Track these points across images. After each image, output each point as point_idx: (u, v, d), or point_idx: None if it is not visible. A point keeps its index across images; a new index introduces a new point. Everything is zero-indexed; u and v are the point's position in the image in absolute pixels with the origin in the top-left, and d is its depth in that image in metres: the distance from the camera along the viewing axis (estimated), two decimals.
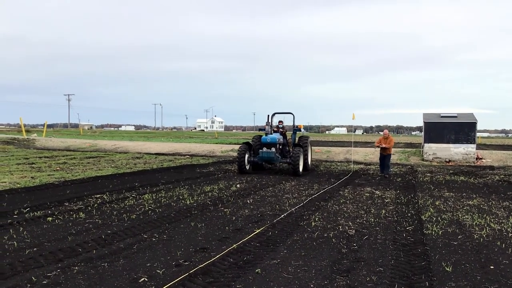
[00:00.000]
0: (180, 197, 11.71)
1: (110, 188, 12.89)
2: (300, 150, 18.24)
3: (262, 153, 18.17)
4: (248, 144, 19.11)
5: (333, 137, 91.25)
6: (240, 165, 18.15)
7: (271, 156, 18.01)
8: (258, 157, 18.38)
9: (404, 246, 7.34)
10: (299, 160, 17.83)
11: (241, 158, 18.17)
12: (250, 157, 18.67)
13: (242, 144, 19.22)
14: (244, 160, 18.20)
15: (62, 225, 8.22)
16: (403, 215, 10.03)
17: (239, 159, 18.23)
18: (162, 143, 38.29)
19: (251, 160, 18.64)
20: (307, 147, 19.37)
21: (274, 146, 18.26)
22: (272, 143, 18.28)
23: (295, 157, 17.63)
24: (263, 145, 18.47)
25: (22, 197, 11.05)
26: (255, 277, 5.66)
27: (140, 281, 5.42)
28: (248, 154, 18.62)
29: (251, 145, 19.15)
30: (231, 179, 16.02)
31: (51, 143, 37.97)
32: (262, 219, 9.25)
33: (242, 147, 18.73)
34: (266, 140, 18.38)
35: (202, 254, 6.61)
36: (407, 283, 5.55)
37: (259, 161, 18.55)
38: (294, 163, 17.55)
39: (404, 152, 30.66)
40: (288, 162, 18.20)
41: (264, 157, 18.17)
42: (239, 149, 18.70)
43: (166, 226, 8.36)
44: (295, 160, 17.57)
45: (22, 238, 7.25)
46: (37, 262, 6.05)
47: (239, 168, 18.17)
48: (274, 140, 18.29)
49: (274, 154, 17.98)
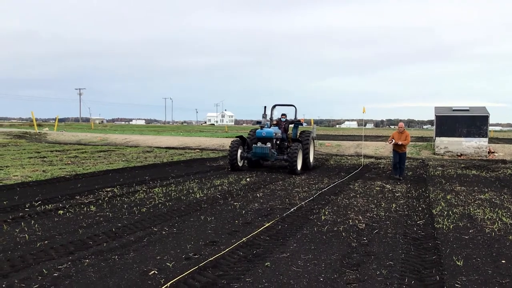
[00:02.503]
0: (190, 190, 11.73)
1: (121, 182, 12.96)
2: (298, 145, 16.53)
3: (256, 148, 16.45)
4: (242, 138, 17.53)
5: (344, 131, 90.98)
6: (231, 161, 16.63)
7: (265, 152, 16.30)
8: (252, 152, 16.70)
9: (415, 240, 7.29)
10: (297, 156, 16.15)
11: (233, 153, 16.60)
12: (244, 153, 17.05)
13: (235, 138, 17.70)
14: (237, 156, 16.61)
15: (73, 218, 8.28)
16: (414, 209, 9.97)
17: (230, 154, 16.67)
18: (172, 137, 38.39)
19: (244, 155, 17.04)
20: (308, 143, 17.43)
21: (270, 141, 16.56)
22: (267, 137, 16.57)
23: (292, 153, 16.08)
24: (258, 139, 16.74)
25: (33, 191, 11.14)
26: (264, 270, 5.66)
27: (150, 274, 5.44)
28: (242, 150, 17.04)
29: (245, 139, 17.50)
30: (241, 173, 16.02)
31: (63, 137, 38.24)
32: (272, 212, 9.24)
33: (234, 141, 17.12)
34: (261, 134, 16.64)
35: (212, 248, 6.62)
36: (417, 277, 5.51)
37: (253, 157, 16.92)
38: (291, 160, 16.02)
39: (416, 146, 30.47)
40: (285, 159, 16.51)
41: (258, 153, 16.49)
42: (231, 144, 17.09)
43: (176, 220, 8.38)
44: (292, 156, 16.02)
45: (33, 231, 7.31)
46: (48, 254, 6.09)
47: (231, 165, 16.66)
48: (270, 134, 16.58)
49: (269, 149, 16.25)
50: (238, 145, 16.86)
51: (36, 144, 29.88)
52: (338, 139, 41.47)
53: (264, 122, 17.31)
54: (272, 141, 16.66)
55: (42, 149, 25.45)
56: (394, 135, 15.24)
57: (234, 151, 16.60)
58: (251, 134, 17.69)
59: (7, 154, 21.38)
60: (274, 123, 18.19)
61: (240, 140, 17.26)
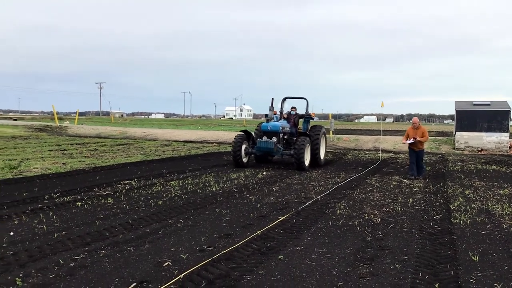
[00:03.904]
0: (206, 184, 11.80)
1: (139, 175, 13.09)
2: (306, 140, 15.44)
3: (260, 143, 15.48)
4: (247, 132, 16.39)
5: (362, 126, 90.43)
6: (235, 157, 15.53)
7: (269, 147, 15.30)
8: (256, 147, 15.76)
9: (431, 235, 7.23)
10: (304, 151, 15.11)
11: (236, 149, 15.52)
12: (248, 148, 16.00)
13: (239, 132, 16.55)
14: (241, 151, 15.54)
15: (91, 210, 8.40)
16: (431, 204, 9.87)
17: (234, 150, 15.58)
18: (190, 131, 38.60)
19: (249, 151, 15.97)
20: (319, 138, 16.39)
21: (276, 135, 15.50)
22: (273, 131, 15.54)
23: (299, 148, 15.06)
24: (264, 133, 15.74)
25: (53, 183, 11.32)
26: (277, 263, 5.68)
27: (164, 265, 5.50)
28: (246, 145, 15.96)
29: (250, 133, 16.45)
30: (258, 167, 16.03)
31: (83, 130, 38.74)
32: (287, 206, 9.25)
33: (238, 136, 16.00)
34: (267, 128, 15.63)
35: (226, 240, 6.66)
36: (432, 272, 5.48)
37: (257, 152, 15.98)
38: (298, 155, 14.99)
39: (435, 140, 30.13)
40: (291, 154, 15.42)
41: (262, 148, 15.52)
42: (234, 139, 15.97)
43: (192, 212, 8.45)
44: (299, 151, 15.00)
45: (51, 222, 7.44)
46: (65, 245, 6.20)
47: (235, 161, 15.60)
48: (276, 128, 15.55)
49: (274, 144, 15.21)
50: (242, 140, 15.79)
51: (56, 137, 30.34)
52: (357, 133, 41.22)
53: (271, 115, 16.42)
54: (279, 135, 15.67)
55: (63, 142, 25.83)
56: (409, 131, 14.02)
57: (238, 147, 15.55)
58: (258, 128, 16.67)
59: (28, 147, 21.76)
60: (284, 116, 17.18)
61: (245, 134, 16.20)
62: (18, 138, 27.92)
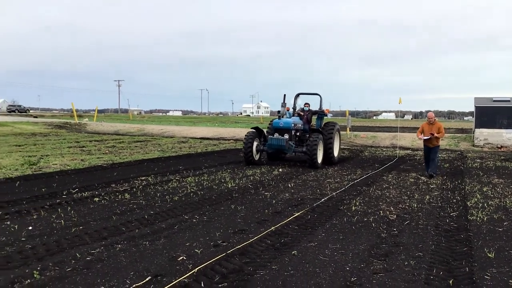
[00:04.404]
0: (222, 180, 11.86)
1: (155, 171, 13.21)
2: (319, 137, 15.11)
3: (272, 140, 15.20)
4: (258, 129, 16.02)
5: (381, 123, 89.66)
6: (246, 155, 15.24)
7: (281, 144, 15.00)
8: (267, 144, 15.48)
9: (447, 232, 7.18)
10: (317, 149, 14.81)
11: (247, 146, 15.20)
12: (260, 145, 15.64)
13: (251, 129, 16.12)
14: (252, 148, 15.22)
15: (108, 205, 8.52)
16: (448, 201, 9.79)
17: (245, 147, 15.26)
18: (207, 128, 38.77)
19: (260, 148, 15.63)
20: (332, 135, 15.98)
21: (288, 132, 15.26)
22: (285, 128, 15.28)
23: (312, 145, 14.77)
24: (275, 130, 15.51)
25: (71, 179, 11.49)
26: (291, 259, 5.70)
27: (179, 260, 5.57)
28: (258, 142, 15.62)
29: (261, 130, 16.11)
30: (274, 163, 16.05)
31: (101, 127, 39.18)
32: (302, 202, 9.26)
33: (249, 133, 15.62)
34: (278, 125, 15.39)
35: (240, 236, 6.71)
36: (446, 268, 5.44)
37: (268, 149, 15.69)
38: (311, 152, 14.69)
39: (454, 137, 29.76)
40: (303, 151, 15.16)
41: (274, 145, 15.24)
42: (245, 136, 15.67)
43: (207, 208, 8.51)
44: (311, 149, 14.70)
45: (69, 217, 7.56)
46: (82, 239, 6.31)
47: (246, 159, 15.33)
48: (287, 125, 15.29)
49: (286, 141, 14.91)
50: (254, 137, 15.45)
51: (76, 134, 30.74)
52: (374, 130, 40.94)
53: (283, 111, 16.16)
54: (291, 132, 15.36)
55: (82, 139, 26.16)
56: (423, 127, 13.59)
57: (249, 144, 15.22)
58: (270, 125, 16.37)
59: (47, 143, 22.10)
60: (298, 113, 16.83)
61: (256, 131, 15.82)
62: (38, 135, 28.35)
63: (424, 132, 13.43)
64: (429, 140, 13.32)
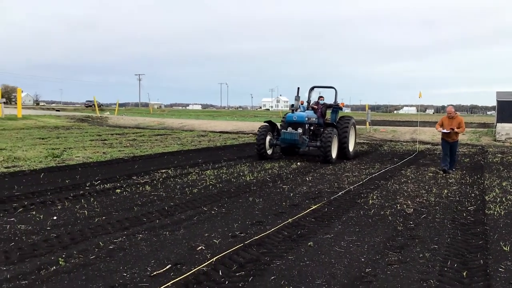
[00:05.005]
0: (240, 173, 12.01)
1: (175, 164, 13.43)
2: (333, 131, 14.80)
3: (285, 134, 14.87)
4: (271, 123, 15.75)
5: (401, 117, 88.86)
6: (259, 149, 14.98)
7: (294, 138, 14.66)
8: (280, 138, 15.13)
9: (463, 226, 7.21)
10: (331, 143, 14.51)
11: (260, 141, 14.96)
12: (273, 139, 15.37)
13: (264, 123, 15.88)
14: (265, 143, 14.98)
15: (129, 197, 8.74)
16: (466, 195, 9.77)
17: (258, 142, 15.02)
18: (227, 122, 38.99)
19: (273, 142, 15.35)
20: (347, 129, 15.70)
21: (301, 126, 14.96)
22: (298, 122, 14.99)
23: (326, 140, 14.45)
24: (289, 124, 15.20)
25: (94, 171, 11.77)
26: (307, 250, 5.82)
27: (198, 249, 5.73)
28: (271, 136, 15.37)
29: (274, 124, 15.83)
30: (292, 157, 16.14)
31: (123, 121, 39.71)
32: (320, 196, 9.35)
33: (262, 127, 15.41)
34: (292, 118, 15.10)
35: (258, 227, 6.84)
36: (460, 261, 5.50)
37: (282, 144, 15.40)
38: (324, 147, 14.40)
39: (475, 132, 29.44)
40: (317, 146, 14.86)
41: (287, 139, 14.90)
42: (258, 130, 15.45)
43: (225, 200, 8.67)
44: (325, 143, 14.40)
45: (92, 207, 7.80)
46: (105, 229, 6.52)
47: (258, 154, 15.06)
48: (301, 119, 14.99)
49: (299, 135, 14.59)
50: (267, 131, 15.22)
51: (97, 128, 31.24)
52: (395, 124, 40.66)
53: (296, 105, 15.72)
54: (304, 126, 15.05)
55: (103, 132, 26.58)
56: (443, 120, 13.16)
57: (262, 138, 14.99)
58: (284, 118, 16.02)
59: (70, 136, 22.54)
60: (313, 106, 16.46)
61: (269, 125, 15.58)
62: (61, 128, 28.90)
63: (443, 126, 13.03)
64: (448, 134, 12.89)
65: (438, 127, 13.22)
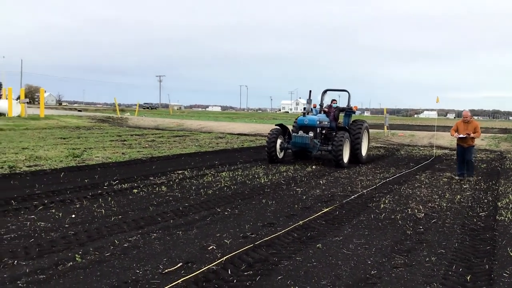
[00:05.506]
0: (255, 175, 12.19)
1: (192, 165, 13.67)
2: (345, 135, 14.64)
3: (295, 138, 14.76)
4: (282, 126, 15.69)
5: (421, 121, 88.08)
6: (269, 152, 14.81)
7: (305, 142, 14.53)
8: (291, 142, 15.04)
9: (472, 231, 7.27)
10: (343, 147, 14.31)
11: (271, 144, 14.77)
12: (284, 143, 15.24)
13: (275, 126, 15.84)
14: (275, 146, 14.80)
15: (146, 197, 8.99)
16: (479, 201, 9.80)
17: (268, 145, 14.86)
18: (245, 124, 39.24)
19: (284, 146, 15.23)
20: (360, 133, 15.55)
21: (313, 130, 14.75)
22: (310, 125, 14.77)
23: (337, 143, 14.28)
24: (300, 127, 15.02)
25: (112, 171, 12.08)
26: (315, 251, 5.97)
27: (209, 249, 5.93)
28: (282, 139, 15.24)
29: (285, 128, 15.71)
30: (308, 160, 16.25)
31: (143, 122, 40.26)
32: (332, 199, 9.48)
33: (273, 130, 15.27)
34: (303, 122, 14.86)
35: (269, 229, 7.01)
36: (466, 265, 5.60)
37: (293, 147, 15.23)
38: (336, 151, 14.23)
39: (495, 137, 29.11)
40: (329, 150, 14.69)
41: (297, 143, 14.78)
42: (269, 134, 15.26)
43: (239, 202, 8.86)
44: (336, 147, 14.23)
45: (109, 207, 8.06)
46: (120, 228, 6.77)
47: (269, 157, 14.87)
48: (312, 122, 14.76)
49: (310, 139, 14.43)
50: (278, 135, 15.05)
51: (117, 128, 31.78)
52: (414, 129, 40.39)
53: (308, 108, 15.50)
54: (316, 129, 14.84)
55: (123, 133, 27.05)
56: (458, 125, 12.77)
57: (272, 141, 14.80)
58: (295, 122, 15.80)
59: (91, 137, 23.02)
60: (324, 109, 16.33)
61: (280, 128, 15.50)
62: (82, 128, 29.50)
63: (458, 131, 12.64)
64: (463, 139, 12.56)
65: (453, 132, 12.84)
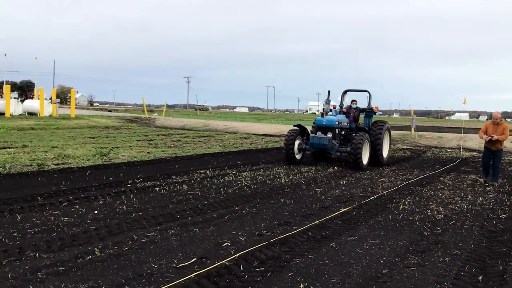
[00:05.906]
0: (276, 175, 12.28)
1: (214, 165, 13.85)
2: (364, 136, 14.29)
3: (314, 139, 14.54)
4: (301, 127, 15.51)
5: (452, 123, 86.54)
6: (287, 153, 14.65)
7: (323, 143, 14.29)
8: (310, 143, 14.80)
9: (490, 233, 7.21)
10: (361, 149, 13.92)
11: (289, 145, 14.61)
12: (302, 144, 15.07)
13: (293, 127, 15.65)
14: (293, 147, 14.64)
15: (166, 195, 9.19)
16: (501, 203, 9.66)
17: (286, 146, 14.69)
18: (270, 125, 39.34)
19: (303, 147, 15.04)
20: (381, 135, 15.14)
21: (331, 131, 14.56)
22: (328, 126, 14.56)
23: (356, 145, 13.93)
24: (318, 128, 14.83)
25: (137, 169, 12.35)
26: (328, 250, 6.03)
27: (224, 245, 6.06)
28: (300, 140, 15.10)
29: (304, 128, 15.54)
30: (330, 161, 16.24)
31: (169, 122, 40.80)
32: (351, 199, 9.49)
33: (291, 131, 15.08)
34: (321, 123, 14.67)
35: (285, 227, 7.10)
36: (479, 266, 5.58)
37: (311, 148, 15.00)
38: (355, 153, 13.83)
39: None
40: (348, 151, 14.32)
41: (315, 144, 14.55)
42: (287, 134, 15.11)
43: (258, 201, 8.96)
44: (355, 149, 13.84)
45: (131, 203, 8.28)
46: (140, 224, 6.97)
47: (286, 158, 14.75)
48: (331, 123, 14.55)
49: (328, 140, 14.18)
50: (296, 135, 14.89)
51: (145, 128, 32.31)
52: (443, 131, 39.86)
53: (327, 109, 15.32)
54: (334, 130, 14.67)
55: (150, 133, 27.51)
56: (487, 126, 12.42)
57: (291, 143, 14.63)
58: (314, 123, 15.60)
59: (119, 136, 23.50)
60: (344, 110, 16.10)
61: (299, 129, 15.33)
62: (111, 128, 30.12)
63: (487, 133, 12.28)
64: (492, 142, 12.09)
65: (482, 134, 12.39)
